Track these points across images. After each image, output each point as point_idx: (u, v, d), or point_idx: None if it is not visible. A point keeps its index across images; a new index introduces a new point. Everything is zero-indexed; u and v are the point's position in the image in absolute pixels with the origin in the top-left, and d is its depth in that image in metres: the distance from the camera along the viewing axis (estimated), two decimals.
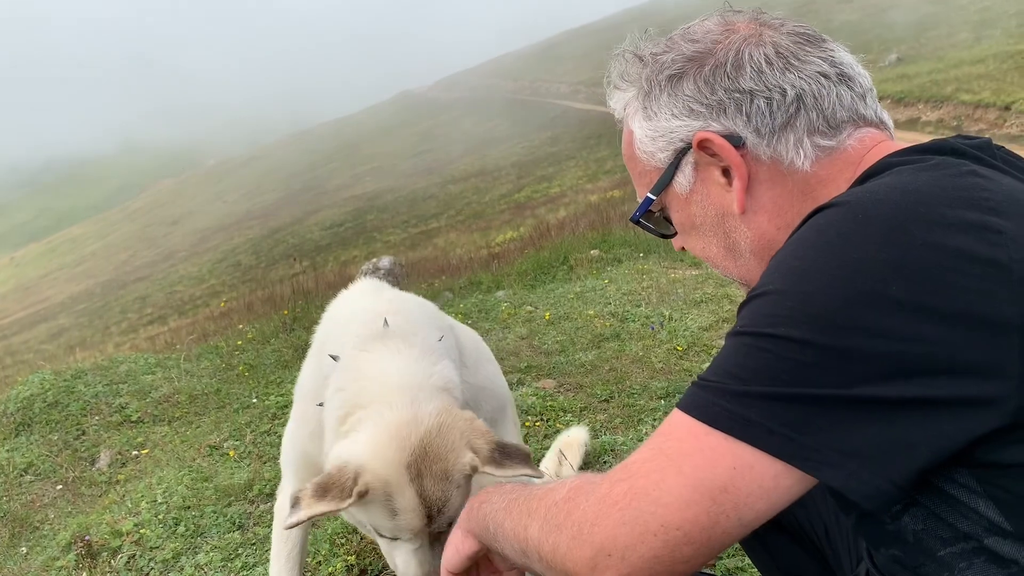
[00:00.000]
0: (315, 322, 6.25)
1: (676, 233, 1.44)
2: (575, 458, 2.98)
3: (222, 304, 9.23)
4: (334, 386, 1.76)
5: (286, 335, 6.01)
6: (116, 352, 7.43)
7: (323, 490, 1.54)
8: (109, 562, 3.39)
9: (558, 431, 3.41)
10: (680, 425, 1.02)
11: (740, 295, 5.48)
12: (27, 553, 3.76)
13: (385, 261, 9.52)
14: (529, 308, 6.02)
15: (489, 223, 28.82)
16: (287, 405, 4.60)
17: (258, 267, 36.48)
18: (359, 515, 1.66)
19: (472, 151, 52.13)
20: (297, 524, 1.55)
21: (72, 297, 49.38)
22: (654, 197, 1.35)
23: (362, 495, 1.54)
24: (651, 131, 1.32)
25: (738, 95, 1.22)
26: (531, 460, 1.68)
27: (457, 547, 1.35)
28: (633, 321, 5.14)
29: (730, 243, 1.32)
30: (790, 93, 1.20)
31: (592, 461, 3.12)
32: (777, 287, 1.03)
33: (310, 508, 1.53)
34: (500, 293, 6.99)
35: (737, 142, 1.22)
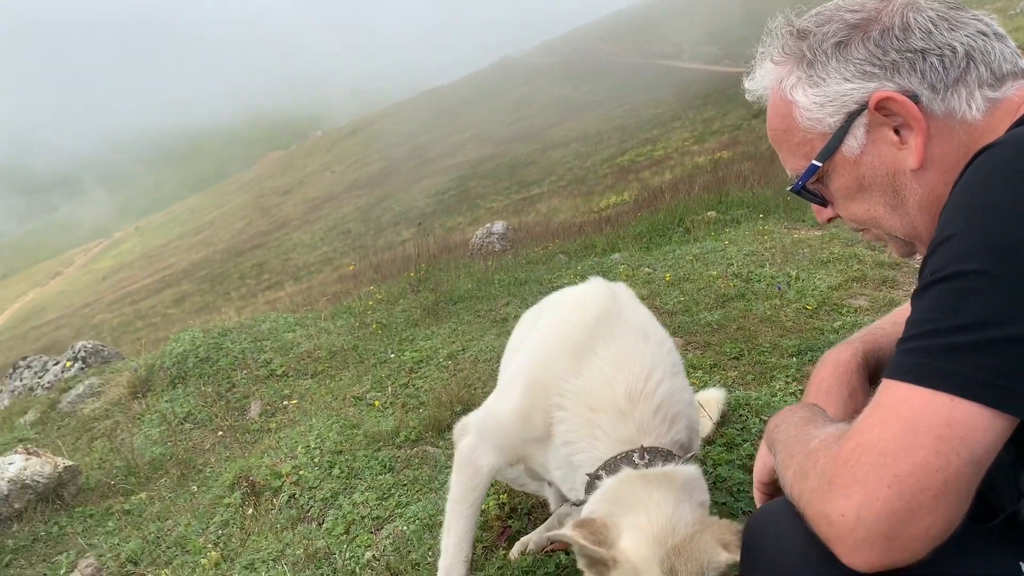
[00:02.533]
0: (440, 284, 6.45)
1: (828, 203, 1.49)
2: (713, 413, 3.05)
3: (351, 267, 9.64)
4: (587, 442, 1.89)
5: (414, 296, 6.26)
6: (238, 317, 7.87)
7: (589, 532, 1.68)
8: (272, 500, 3.70)
9: (691, 387, 3.47)
10: (891, 389, 1.08)
11: (868, 255, 5.37)
12: (196, 491, 4.12)
13: (498, 226, 9.69)
14: (647, 270, 6.05)
15: (592, 188, 28.70)
16: (422, 360, 4.84)
17: (367, 234, 37.57)
18: None
19: (572, 115, 51.75)
20: (558, 540, 1.70)
21: (193, 264, 52.13)
22: (820, 163, 1.40)
23: (614, 561, 1.65)
24: (819, 97, 1.37)
25: (911, 55, 1.28)
26: None
27: (764, 460, 1.51)
28: (758, 281, 5.11)
29: (897, 201, 1.36)
30: (960, 50, 1.27)
31: (729, 416, 3.19)
32: (959, 228, 1.08)
33: (572, 532, 1.68)
34: (616, 256, 7.04)
35: (914, 99, 1.27)
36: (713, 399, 3.12)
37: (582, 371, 1.95)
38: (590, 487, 1.86)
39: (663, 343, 2.10)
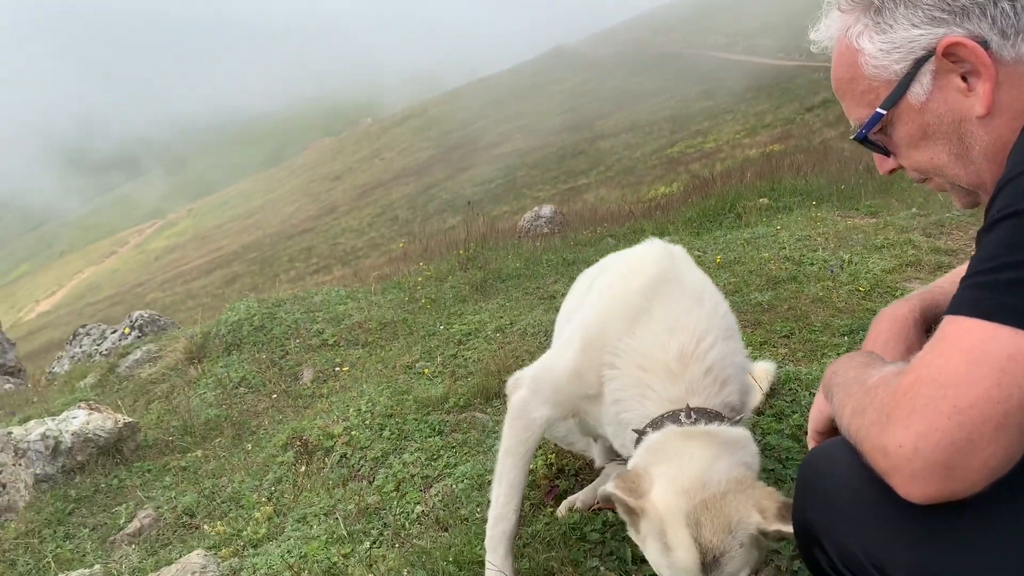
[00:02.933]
0: (488, 262, 6.50)
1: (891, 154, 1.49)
2: (763, 384, 3.06)
3: (401, 245, 9.78)
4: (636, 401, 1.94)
5: (462, 273, 6.33)
6: None
7: (624, 482, 1.74)
8: (323, 459, 3.80)
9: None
10: (953, 323, 1.09)
11: (923, 241, 5.28)
12: (250, 450, 4.25)
13: (546, 210, 9.72)
14: (697, 253, 6.02)
15: (640, 178, 28.51)
16: (470, 333, 4.91)
17: (414, 221, 37.83)
18: (647, 554, 1.78)
19: (622, 106, 51.38)
20: (607, 497, 1.78)
21: (244, 246, 53.09)
22: (884, 111, 1.41)
23: (642, 510, 1.71)
24: (886, 44, 1.37)
25: (981, 0, 1.28)
26: None
27: (820, 408, 1.51)
28: (810, 264, 5.06)
29: (962, 149, 1.36)
30: None
31: (779, 389, 3.19)
32: None
33: (610, 484, 1.74)
34: (665, 240, 7.02)
35: (983, 46, 1.27)
36: (763, 371, 3.12)
37: (636, 331, 1.98)
38: (637, 443, 1.89)
39: (718, 306, 2.11)
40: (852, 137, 1.52)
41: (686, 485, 1.70)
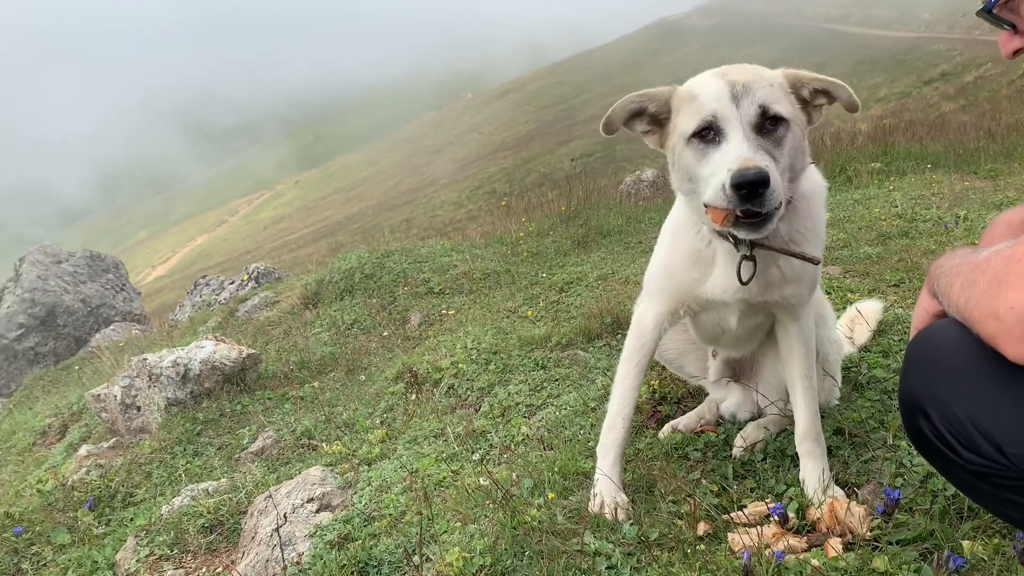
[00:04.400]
0: (589, 219, 6.55)
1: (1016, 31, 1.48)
2: (872, 321, 3.05)
3: (503, 203, 9.93)
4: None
5: (564, 228, 6.44)
6: None
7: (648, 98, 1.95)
8: (432, 390, 4.00)
9: (847, 307, 3.46)
10: None
11: None
12: (364, 381, 4.49)
13: (648, 173, 9.68)
14: None
15: None
16: (572, 282, 5.01)
17: (511, 194, 38.08)
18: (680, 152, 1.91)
19: None
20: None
21: (348, 217, 54.53)
22: None
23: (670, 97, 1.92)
24: None
25: None
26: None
27: (925, 308, 1.54)
28: (923, 221, 4.94)
29: None
30: None
31: (886, 329, 3.17)
32: None
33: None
34: None
35: None
36: (871, 309, 3.11)
37: None
38: None
39: None
40: (978, 11, 1.52)
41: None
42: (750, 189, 1.65)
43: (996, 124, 9.47)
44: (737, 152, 1.71)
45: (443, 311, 5.24)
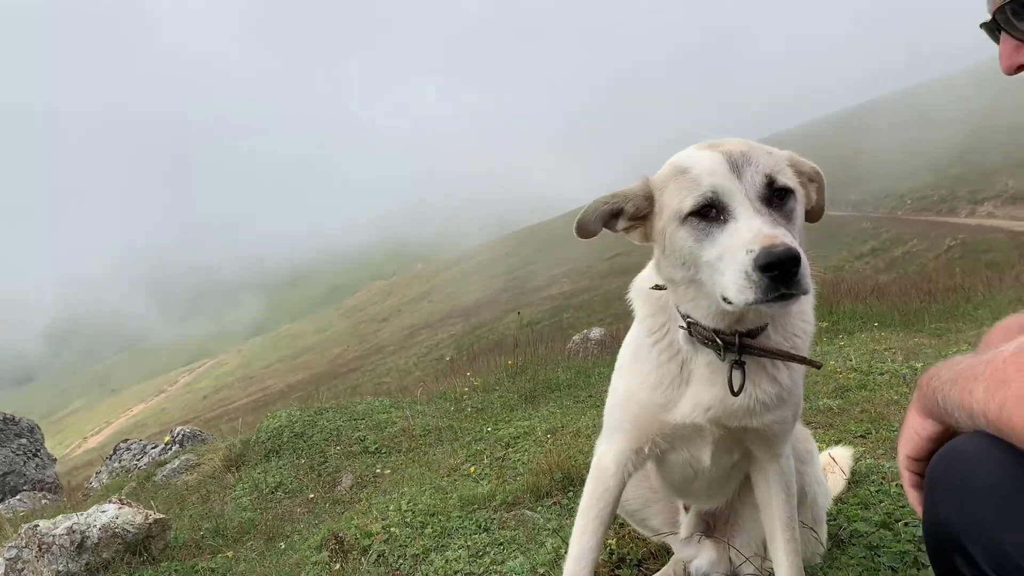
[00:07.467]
0: (538, 373, 6.29)
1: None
2: (845, 468, 2.78)
3: (448, 358, 9.63)
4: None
5: (511, 382, 6.14)
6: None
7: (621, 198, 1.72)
8: (360, 559, 3.51)
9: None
10: None
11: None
12: (284, 549, 3.98)
13: (596, 332, 9.56)
14: None
15: None
16: (519, 436, 4.67)
17: (459, 360, 37.91)
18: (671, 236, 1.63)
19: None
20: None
21: (290, 386, 53.39)
22: None
23: (652, 187, 1.68)
24: None
25: None
26: None
27: (916, 430, 1.32)
28: (880, 374, 4.79)
29: None
30: None
31: (862, 480, 2.89)
32: None
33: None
34: None
35: None
36: (842, 455, 2.85)
37: None
38: None
39: None
40: (994, 12, 1.37)
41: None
42: (782, 269, 1.37)
43: (936, 287, 9.71)
44: (755, 229, 1.43)
45: (378, 471, 4.80)
